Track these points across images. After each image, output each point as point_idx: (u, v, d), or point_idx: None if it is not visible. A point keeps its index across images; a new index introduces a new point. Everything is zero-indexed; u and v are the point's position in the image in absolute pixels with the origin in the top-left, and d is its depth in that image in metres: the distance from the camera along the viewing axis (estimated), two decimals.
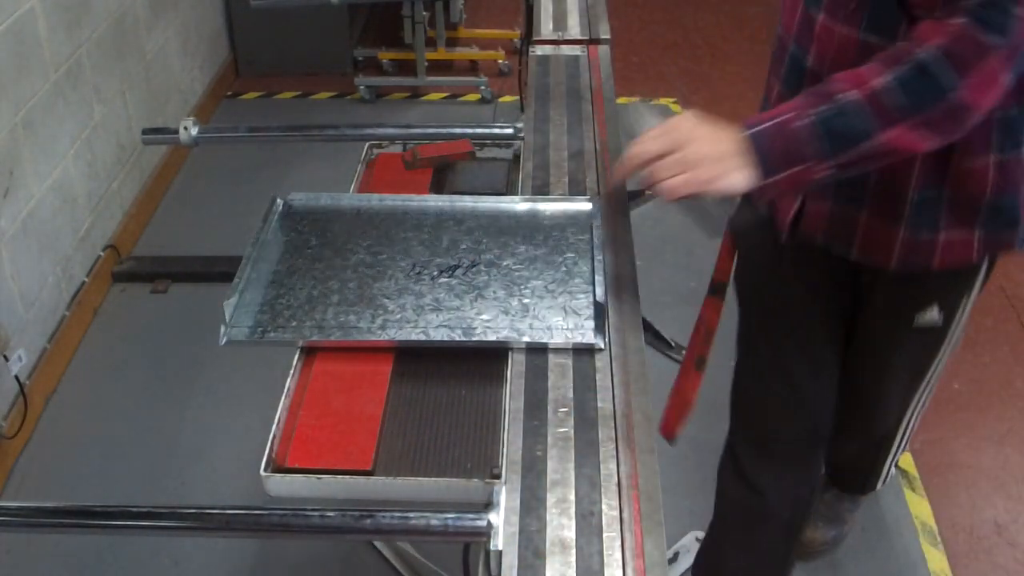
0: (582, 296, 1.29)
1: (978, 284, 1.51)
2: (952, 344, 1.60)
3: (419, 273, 1.35)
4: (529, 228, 1.44)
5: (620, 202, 1.48)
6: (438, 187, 1.74)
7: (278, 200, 1.50)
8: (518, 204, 1.50)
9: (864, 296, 1.55)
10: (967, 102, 1.09)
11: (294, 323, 1.26)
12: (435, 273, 1.34)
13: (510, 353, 1.21)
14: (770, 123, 1.10)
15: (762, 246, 1.54)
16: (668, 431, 1.67)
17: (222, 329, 1.25)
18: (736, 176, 1.09)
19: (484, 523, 0.99)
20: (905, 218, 1.35)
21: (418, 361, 1.24)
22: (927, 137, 1.11)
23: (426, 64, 4.15)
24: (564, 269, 1.35)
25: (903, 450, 1.89)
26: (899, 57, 1.10)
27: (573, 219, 1.46)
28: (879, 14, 1.21)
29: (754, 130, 1.10)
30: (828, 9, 1.27)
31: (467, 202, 1.51)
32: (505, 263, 1.37)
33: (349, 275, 1.34)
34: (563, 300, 1.28)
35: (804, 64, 1.34)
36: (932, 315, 1.50)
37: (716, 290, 1.63)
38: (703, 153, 1.09)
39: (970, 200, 1.33)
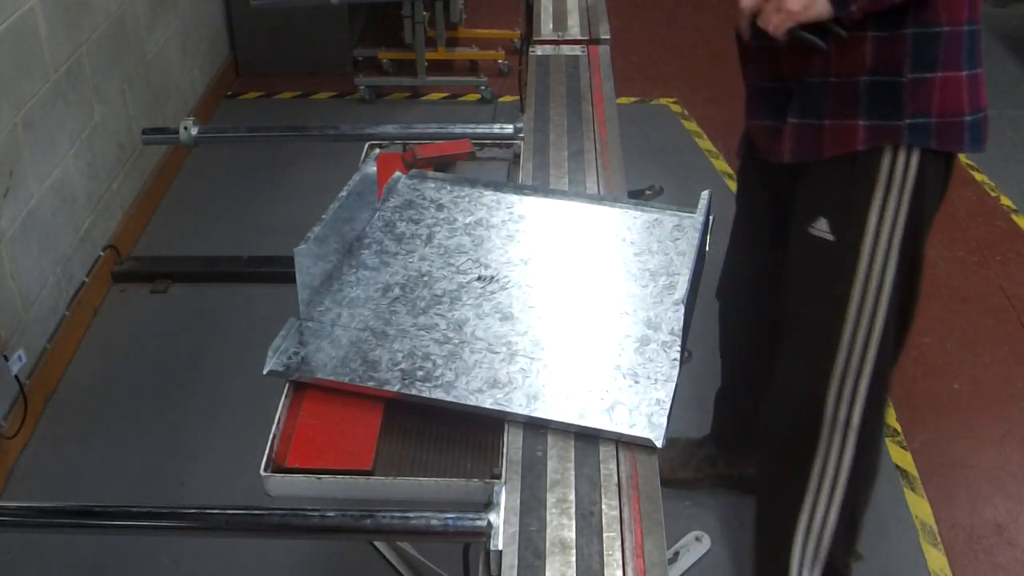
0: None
1: (875, 203, 1.53)
2: (873, 288, 1.57)
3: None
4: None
5: None
6: None
7: None
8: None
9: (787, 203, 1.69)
10: None
11: None
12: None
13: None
14: None
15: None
16: None
17: None
18: (820, 6, 1.37)
19: (484, 523, 0.98)
20: (793, 105, 1.54)
21: None
22: None
23: (426, 64, 4.16)
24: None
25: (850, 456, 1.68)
26: None
27: None
28: None
29: None
30: None
31: None
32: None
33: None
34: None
35: None
36: (822, 225, 1.57)
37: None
38: None
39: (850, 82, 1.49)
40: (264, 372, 1.17)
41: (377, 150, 1.83)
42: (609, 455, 1.05)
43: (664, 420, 1.08)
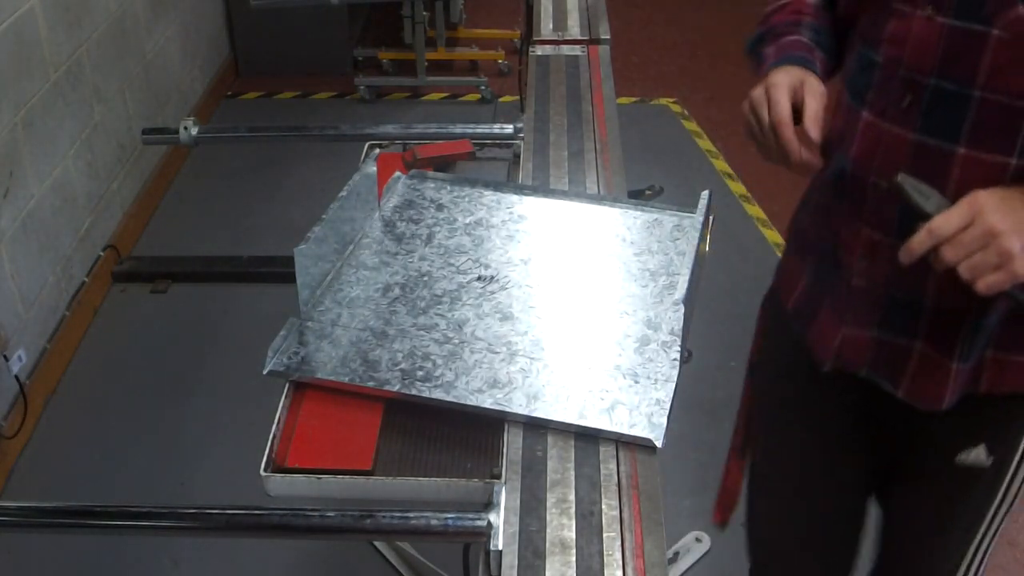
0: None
1: None
2: (1011, 497, 1.37)
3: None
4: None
5: None
6: None
7: None
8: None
9: (900, 433, 1.38)
10: None
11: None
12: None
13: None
14: None
15: (793, 360, 1.38)
16: (718, 519, 1.62)
17: None
18: None
19: (484, 523, 0.98)
20: (962, 348, 1.18)
21: None
22: None
23: (426, 64, 4.16)
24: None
25: None
26: None
27: None
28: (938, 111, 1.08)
29: None
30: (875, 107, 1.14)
31: None
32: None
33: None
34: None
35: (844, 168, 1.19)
36: (978, 455, 1.30)
37: (754, 372, 1.50)
38: (1018, 246, 0.99)
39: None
40: (264, 372, 1.17)
41: (377, 150, 1.83)
42: (609, 455, 1.05)
43: (664, 420, 1.08)
